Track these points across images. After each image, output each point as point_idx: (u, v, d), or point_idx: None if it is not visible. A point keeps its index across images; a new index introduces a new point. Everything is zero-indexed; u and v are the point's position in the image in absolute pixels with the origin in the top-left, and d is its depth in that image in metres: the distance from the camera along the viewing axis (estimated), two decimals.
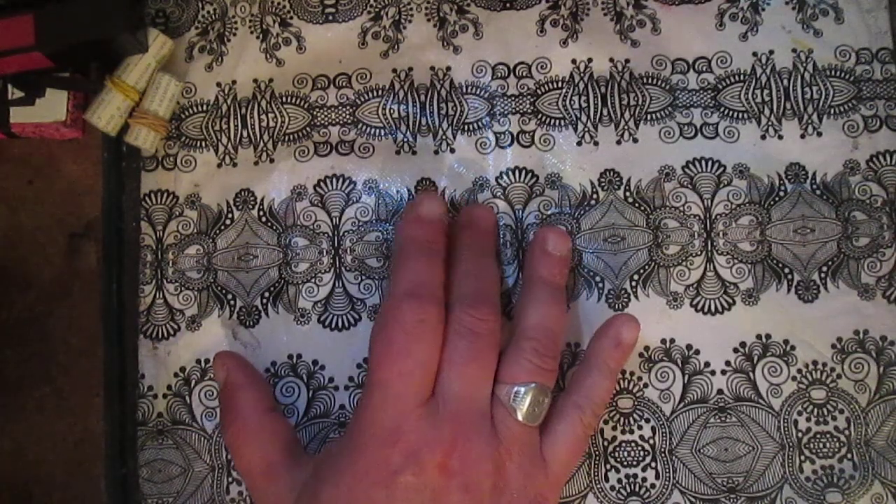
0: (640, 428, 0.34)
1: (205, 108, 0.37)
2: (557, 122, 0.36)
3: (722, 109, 0.36)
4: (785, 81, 0.36)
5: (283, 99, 0.37)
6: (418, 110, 0.37)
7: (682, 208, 0.36)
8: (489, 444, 0.30)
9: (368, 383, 0.31)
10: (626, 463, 0.34)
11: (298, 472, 0.31)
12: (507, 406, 0.31)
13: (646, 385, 0.35)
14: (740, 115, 0.36)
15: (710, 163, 0.36)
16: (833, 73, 0.36)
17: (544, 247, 0.34)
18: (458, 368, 0.30)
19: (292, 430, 0.33)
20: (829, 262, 0.35)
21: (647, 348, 0.35)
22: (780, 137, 0.36)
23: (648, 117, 0.36)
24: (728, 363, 0.35)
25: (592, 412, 0.32)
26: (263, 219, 0.36)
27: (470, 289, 0.32)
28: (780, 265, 0.35)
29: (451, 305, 0.32)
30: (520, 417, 0.31)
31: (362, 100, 0.37)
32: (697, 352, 0.35)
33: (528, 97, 0.37)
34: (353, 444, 0.30)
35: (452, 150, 0.36)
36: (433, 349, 0.31)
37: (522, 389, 0.31)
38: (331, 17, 0.37)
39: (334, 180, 0.36)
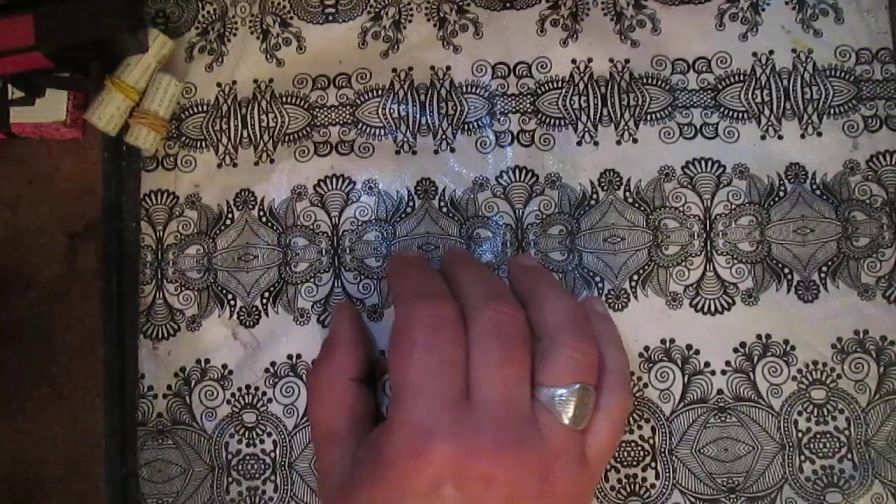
0: (639, 428, 0.34)
1: (205, 108, 0.37)
2: (557, 121, 0.36)
3: (722, 109, 0.36)
4: (785, 81, 0.36)
5: (284, 99, 0.37)
6: (418, 110, 0.37)
7: (681, 208, 0.36)
8: (536, 451, 0.28)
9: (395, 388, 0.29)
10: (626, 463, 0.34)
11: (353, 449, 0.30)
12: (551, 410, 0.29)
13: (646, 385, 0.35)
14: (740, 116, 0.36)
15: (709, 163, 0.36)
16: (833, 73, 0.36)
17: (522, 265, 0.34)
18: (492, 371, 0.28)
19: (367, 405, 0.32)
20: (829, 262, 0.35)
21: (646, 348, 0.35)
22: (780, 137, 0.36)
23: (648, 117, 0.36)
24: (728, 363, 0.35)
25: (627, 393, 0.31)
26: (263, 219, 0.36)
27: (483, 290, 0.31)
28: (780, 265, 0.35)
29: (469, 309, 0.30)
30: (566, 422, 0.28)
31: (362, 100, 0.37)
32: (697, 352, 0.35)
33: (529, 96, 0.37)
34: (387, 449, 0.28)
35: (452, 150, 0.36)
36: (458, 346, 0.29)
37: (566, 392, 0.29)
38: (331, 17, 0.37)
39: (334, 180, 0.36)
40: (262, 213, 0.36)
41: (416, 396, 0.28)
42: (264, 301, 0.36)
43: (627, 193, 0.36)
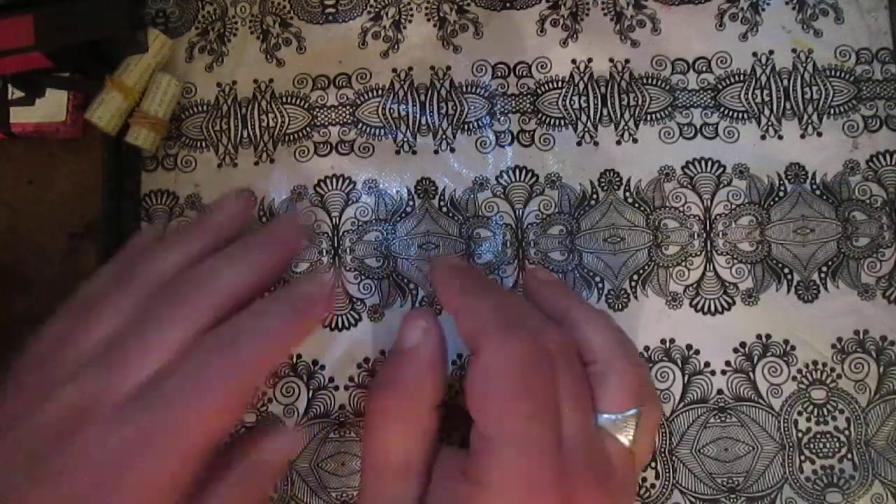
0: None
1: (205, 108, 0.37)
2: (557, 121, 0.36)
3: (722, 109, 0.36)
4: (785, 81, 0.36)
5: (283, 99, 0.37)
6: (418, 110, 0.37)
7: (681, 208, 0.36)
8: (613, 486, 0.27)
9: (490, 436, 0.26)
10: None
11: (423, 483, 0.28)
12: (614, 436, 0.28)
13: None
14: (740, 116, 0.36)
15: (709, 163, 0.36)
16: (833, 73, 0.36)
17: (543, 280, 0.33)
18: (572, 405, 0.27)
19: (437, 437, 0.29)
20: (829, 262, 0.35)
21: (646, 348, 0.35)
22: (780, 137, 0.36)
23: (648, 117, 0.36)
24: (728, 363, 0.35)
25: (657, 403, 0.30)
26: (264, 219, 0.36)
27: (528, 318, 0.29)
28: (780, 265, 0.35)
29: None
30: (627, 444, 0.28)
31: (362, 100, 0.37)
32: (697, 352, 0.35)
33: (529, 96, 0.37)
34: (477, 502, 0.26)
35: (452, 150, 0.36)
36: (554, 386, 0.27)
37: (629, 416, 0.28)
38: (331, 18, 0.37)
39: (334, 180, 0.36)
40: (262, 214, 0.36)
41: (517, 448, 0.26)
42: None
43: (627, 193, 0.36)
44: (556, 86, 0.37)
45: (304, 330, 0.28)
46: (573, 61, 0.37)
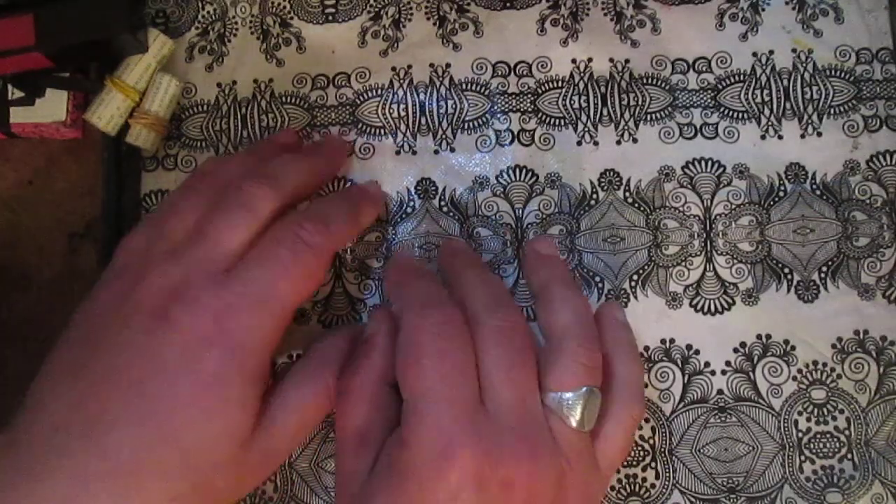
0: (640, 428, 0.34)
1: (205, 108, 0.37)
2: (557, 121, 0.36)
3: (722, 109, 0.36)
4: (785, 81, 0.36)
5: (283, 99, 0.37)
6: (418, 109, 0.37)
7: (681, 208, 0.36)
8: (551, 455, 0.28)
9: (407, 399, 0.28)
10: (626, 463, 0.34)
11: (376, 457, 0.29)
12: (559, 413, 0.29)
13: (645, 385, 0.35)
14: (740, 116, 0.36)
15: (709, 163, 0.36)
16: (833, 73, 0.36)
17: (539, 253, 0.35)
18: (503, 375, 0.28)
19: (398, 412, 0.30)
20: (829, 262, 0.35)
21: (646, 348, 0.35)
22: (780, 137, 0.36)
23: (648, 117, 0.36)
24: (728, 363, 0.35)
25: (640, 403, 0.31)
26: None
27: (485, 296, 0.31)
28: (780, 265, 0.35)
29: (472, 316, 0.30)
30: (573, 424, 0.29)
31: (361, 99, 0.37)
32: (697, 352, 0.35)
33: (529, 95, 0.37)
34: (405, 458, 0.27)
35: (452, 149, 0.36)
36: (467, 351, 0.29)
37: (573, 395, 0.29)
38: (331, 17, 0.37)
39: (334, 181, 0.36)
40: None
41: (433, 403, 0.28)
42: None
43: (627, 193, 0.36)
44: (556, 85, 0.37)
45: (365, 220, 0.34)
46: (573, 61, 0.37)
